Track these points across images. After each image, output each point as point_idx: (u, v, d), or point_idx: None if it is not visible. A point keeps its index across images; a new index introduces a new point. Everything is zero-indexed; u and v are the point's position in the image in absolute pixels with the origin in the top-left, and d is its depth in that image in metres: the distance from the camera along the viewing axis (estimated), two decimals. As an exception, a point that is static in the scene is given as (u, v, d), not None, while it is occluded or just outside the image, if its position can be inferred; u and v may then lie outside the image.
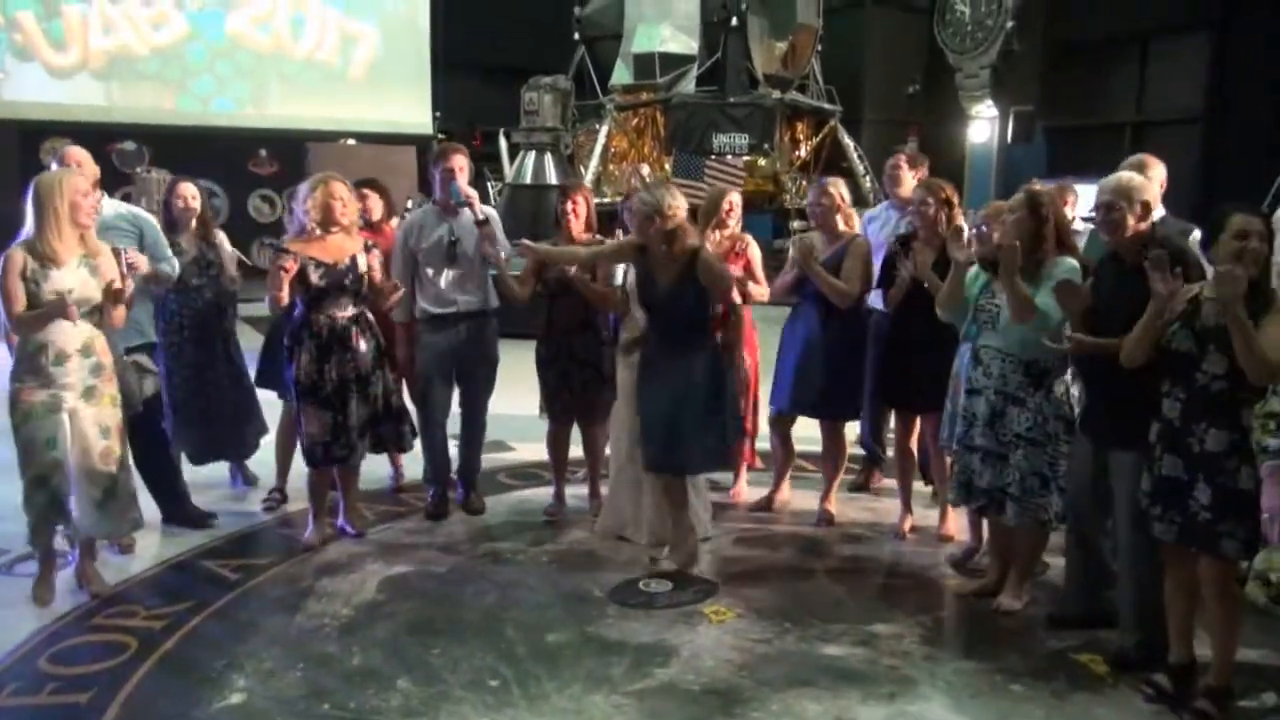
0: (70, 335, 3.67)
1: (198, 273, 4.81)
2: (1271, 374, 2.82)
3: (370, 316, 4.41)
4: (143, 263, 4.02)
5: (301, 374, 4.26)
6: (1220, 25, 13.18)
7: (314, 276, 4.19)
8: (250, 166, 13.81)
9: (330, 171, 4.46)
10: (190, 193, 4.82)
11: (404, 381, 4.78)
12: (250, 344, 5.27)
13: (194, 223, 4.82)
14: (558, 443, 4.89)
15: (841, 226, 4.65)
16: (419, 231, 4.63)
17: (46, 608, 3.75)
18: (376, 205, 5.07)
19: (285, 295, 4.15)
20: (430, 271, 4.62)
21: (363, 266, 4.30)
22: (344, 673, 3.30)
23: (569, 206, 4.65)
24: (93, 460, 3.75)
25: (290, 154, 13.69)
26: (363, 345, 4.32)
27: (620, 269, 4.55)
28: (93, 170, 4.27)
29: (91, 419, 3.75)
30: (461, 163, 4.58)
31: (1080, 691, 3.21)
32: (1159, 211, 4.20)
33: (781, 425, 4.88)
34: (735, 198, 4.90)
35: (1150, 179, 4.20)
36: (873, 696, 3.16)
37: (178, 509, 4.65)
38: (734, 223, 4.82)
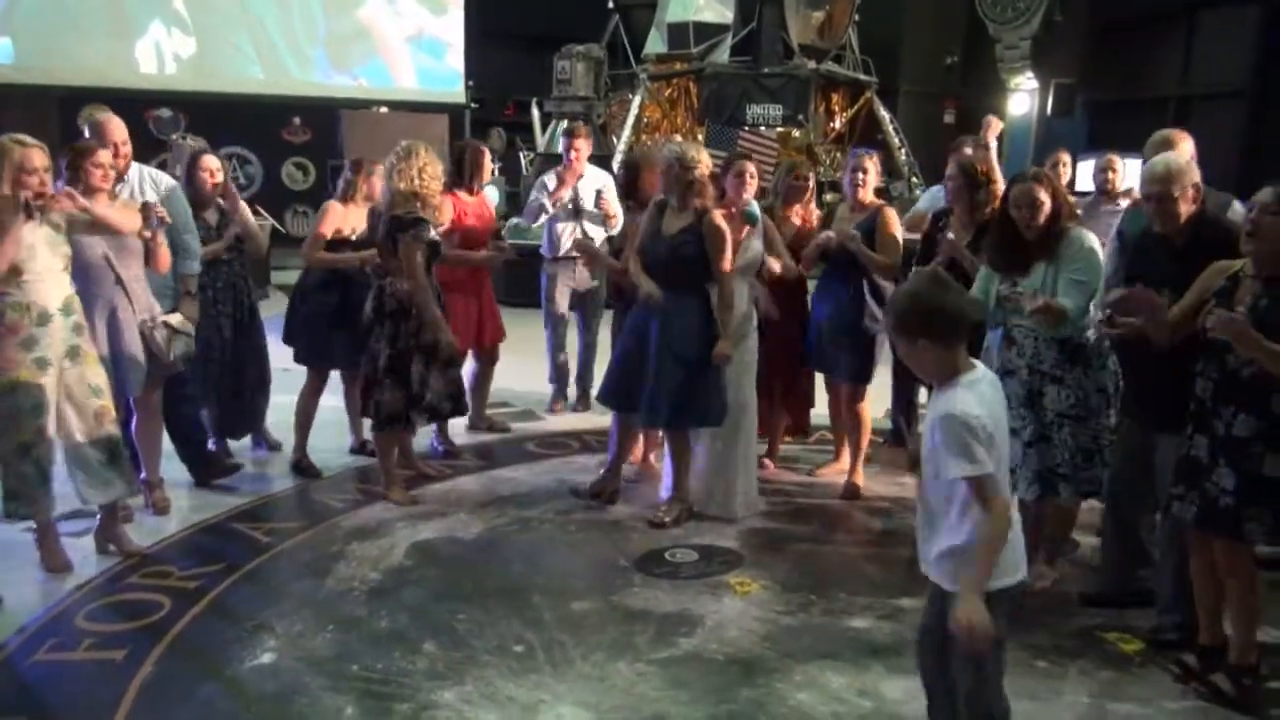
0: (51, 294, 3.60)
1: (226, 246, 4.84)
2: None
3: None
4: (166, 215, 4.06)
5: (428, 337, 4.42)
6: (1269, -3, 12.81)
7: (443, 245, 4.50)
8: (284, 134, 13.85)
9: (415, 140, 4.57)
10: (214, 165, 4.79)
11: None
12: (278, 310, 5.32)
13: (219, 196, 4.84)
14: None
15: (870, 199, 4.69)
16: (545, 191, 5.92)
17: (68, 573, 3.76)
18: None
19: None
20: (558, 223, 5.89)
21: None
22: (372, 636, 3.35)
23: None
24: (90, 421, 3.69)
25: (323, 122, 13.72)
26: None
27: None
28: (120, 135, 4.25)
29: (80, 378, 3.68)
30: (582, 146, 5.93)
31: (1107, 670, 3.19)
32: None
33: (831, 394, 4.95)
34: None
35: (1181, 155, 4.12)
36: (897, 670, 3.15)
37: (206, 469, 4.70)
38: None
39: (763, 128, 13.12)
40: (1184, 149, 4.01)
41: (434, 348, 4.44)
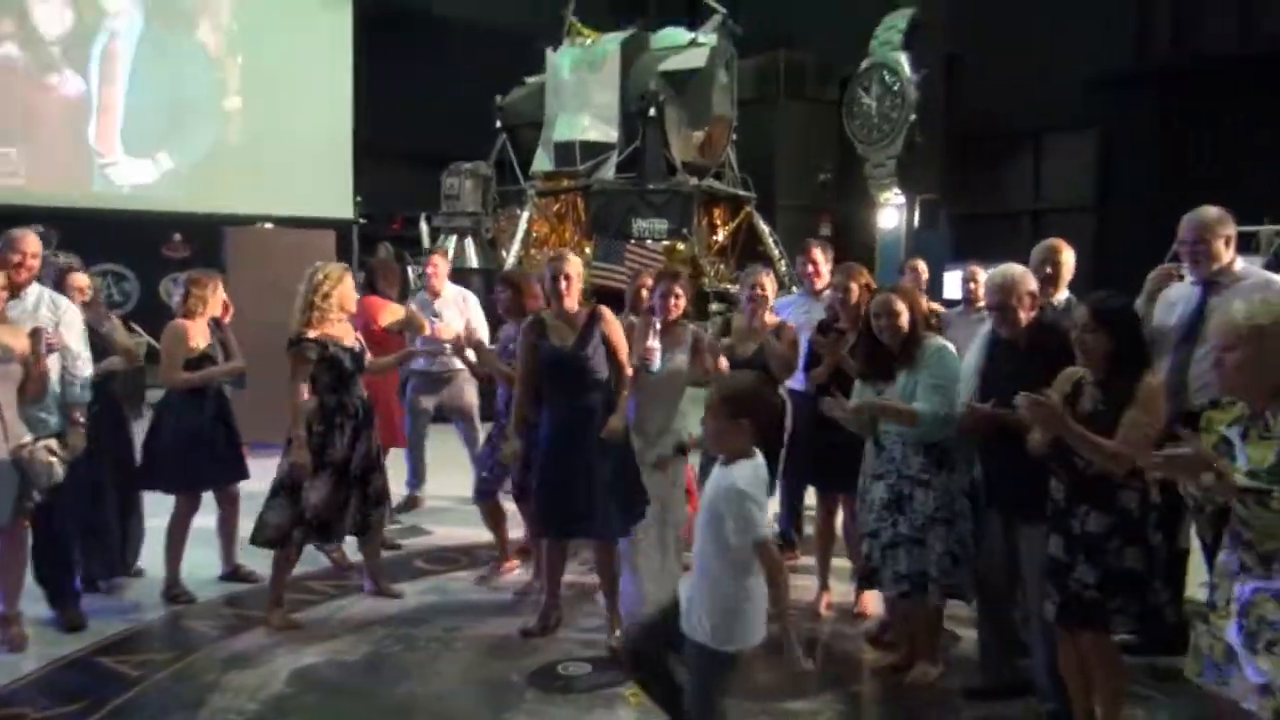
0: None
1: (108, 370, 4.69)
2: (1129, 466, 2.91)
3: None
4: (59, 342, 3.95)
5: (337, 455, 4.36)
6: (1106, 123, 14.08)
7: (347, 361, 4.41)
8: (164, 250, 13.56)
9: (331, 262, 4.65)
10: (83, 283, 4.67)
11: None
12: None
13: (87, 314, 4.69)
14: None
15: (771, 319, 4.73)
16: (429, 310, 6.28)
17: None
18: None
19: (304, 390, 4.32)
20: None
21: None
22: (248, 770, 3.18)
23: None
24: None
25: (205, 238, 13.48)
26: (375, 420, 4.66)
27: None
28: (32, 248, 4.16)
29: None
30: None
31: (992, 763, 3.26)
32: (1063, 294, 4.41)
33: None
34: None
35: (1060, 263, 4.44)
36: (790, 775, 3.16)
37: (67, 609, 4.37)
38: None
39: (649, 241, 13.50)
40: (1064, 259, 4.42)
41: (341, 466, 4.37)
